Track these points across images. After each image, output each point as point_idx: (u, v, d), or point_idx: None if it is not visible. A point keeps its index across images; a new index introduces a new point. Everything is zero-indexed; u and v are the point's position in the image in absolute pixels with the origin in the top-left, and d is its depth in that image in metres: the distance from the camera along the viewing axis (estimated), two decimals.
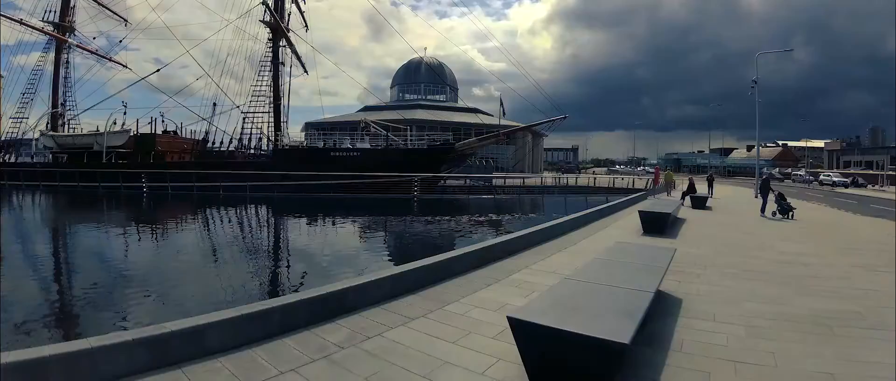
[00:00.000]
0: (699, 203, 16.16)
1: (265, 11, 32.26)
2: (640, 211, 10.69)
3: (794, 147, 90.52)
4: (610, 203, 15.33)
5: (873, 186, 45.06)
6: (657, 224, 10.21)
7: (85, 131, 35.17)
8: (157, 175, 29.48)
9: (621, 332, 2.80)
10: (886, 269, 7.34)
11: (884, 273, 7.06)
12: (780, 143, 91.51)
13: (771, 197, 14.77)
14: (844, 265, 7.70)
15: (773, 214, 14.21)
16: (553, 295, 3.46)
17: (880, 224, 13.60)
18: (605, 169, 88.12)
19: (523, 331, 2.92)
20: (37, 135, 36.50)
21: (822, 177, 49.04)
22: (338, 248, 13.97)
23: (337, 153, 30.97)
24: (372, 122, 34.22)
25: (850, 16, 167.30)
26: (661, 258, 5.21)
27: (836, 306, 5.30)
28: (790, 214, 13.91)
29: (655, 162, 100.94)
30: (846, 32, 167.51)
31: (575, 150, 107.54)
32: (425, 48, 67.08)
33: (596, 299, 3.48)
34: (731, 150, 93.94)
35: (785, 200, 14.34)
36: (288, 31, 32.87)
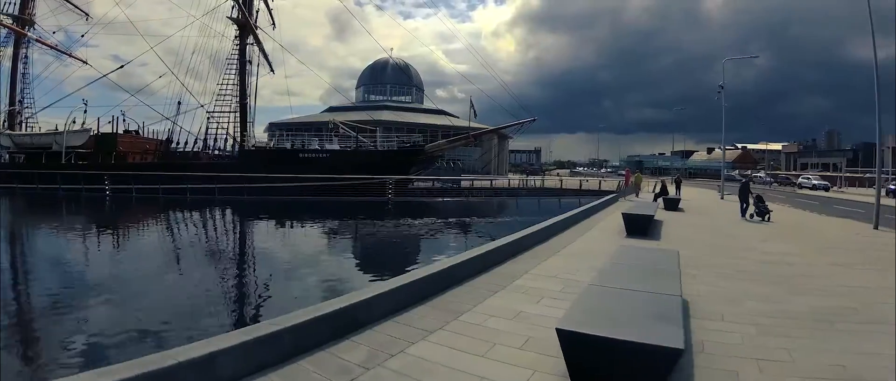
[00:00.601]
0: (672, 205, 16.62)
1: (233, 7, 31.03)
2: (623, 213, 10.85)
3: (754, 150, 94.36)
4: (586, 206, 15.50)
5: (833, 186, 45.72)
6: (640, 226, 10.37)
7: (43, 130, 33.12)
8: (120, 177, 27.80)
9: (673, 337, 2.78)
10: (863, 266, 7.74)
11: (861, 270, 7.43)
12: (740, 146, 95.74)
13: (750, 200, 14.88)
14: (824, 264, 8.04)
15: (751, 216, 14.44)
16: (587, 303, 3.32)
17: (846, 224, 14.34)
18: (568, 171, 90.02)
19: (573, 343, 2.80)
20: None
21: (801, 179, 46.80)
22: (325, 255, 13.46)
23: (305, 155, 30.14)
24: (340, 123, 33.54)
25: (807, 22, 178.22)
26: (668, 262, 5.22)
27: (829, 303, 5.49)
28: (767, 216, 14.16)
29: (617, 164, 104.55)
30: (803, 38, 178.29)
31: (538, 152, 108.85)
32: (391, 49, 66.29)
33: (630, 305, 3.40)
34: (692, 152, 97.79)
35: (763, 202, 14.52)
36: (256, 28, 31.74)
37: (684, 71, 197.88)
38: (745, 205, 15.02)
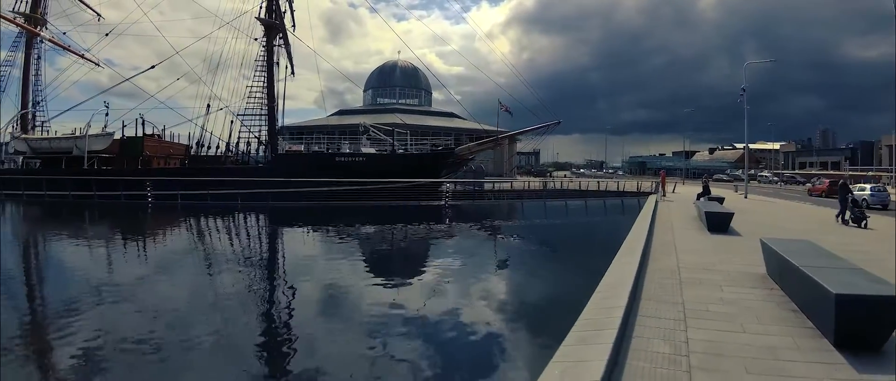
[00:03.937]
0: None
1: (261, 8, 31.49)
2: (706, 212, 12.18)
3: (754, 150, 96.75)
4: (648, 208, 16.69)
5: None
6: (721, 223, 11.73)
7: (60, 134, 32.55)
8: (162, 183, 28.13)
9: None
10: None
11: None
12: (740, 146, 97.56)
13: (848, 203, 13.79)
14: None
15: (846, 222, 13.27)
16: (828, 278, 4.43)
17: (876, 219, 15.49)
18: (570, 172, 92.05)
19: (851, 304, 4.00)
20: (7, 138, 33.41)
21: None
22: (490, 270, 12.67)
23: (342, 159, 30.93)
24: (371, 126, 34.41)
25: (796, 23, 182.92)
26: (811, 247, 6.43)
27: None
28: (864, 223, 12.65)
29: (618, 165, 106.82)
30: (793, 39, 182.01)
31: (537, 154, 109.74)
32: (399, 52, 67.26)
33: (849, 278, 4.54)
34: (693, 152, 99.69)
35: (859, 206, 13.03)
36: (285, 30, 32.24)
37: (676, 72, 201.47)
38: (843, 208, 13.93)
